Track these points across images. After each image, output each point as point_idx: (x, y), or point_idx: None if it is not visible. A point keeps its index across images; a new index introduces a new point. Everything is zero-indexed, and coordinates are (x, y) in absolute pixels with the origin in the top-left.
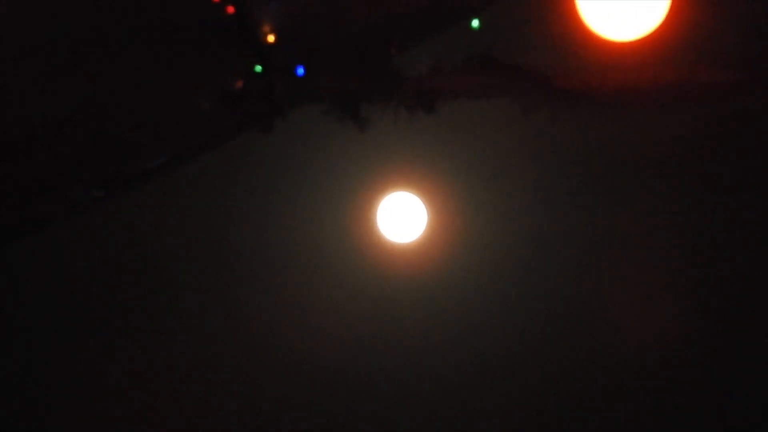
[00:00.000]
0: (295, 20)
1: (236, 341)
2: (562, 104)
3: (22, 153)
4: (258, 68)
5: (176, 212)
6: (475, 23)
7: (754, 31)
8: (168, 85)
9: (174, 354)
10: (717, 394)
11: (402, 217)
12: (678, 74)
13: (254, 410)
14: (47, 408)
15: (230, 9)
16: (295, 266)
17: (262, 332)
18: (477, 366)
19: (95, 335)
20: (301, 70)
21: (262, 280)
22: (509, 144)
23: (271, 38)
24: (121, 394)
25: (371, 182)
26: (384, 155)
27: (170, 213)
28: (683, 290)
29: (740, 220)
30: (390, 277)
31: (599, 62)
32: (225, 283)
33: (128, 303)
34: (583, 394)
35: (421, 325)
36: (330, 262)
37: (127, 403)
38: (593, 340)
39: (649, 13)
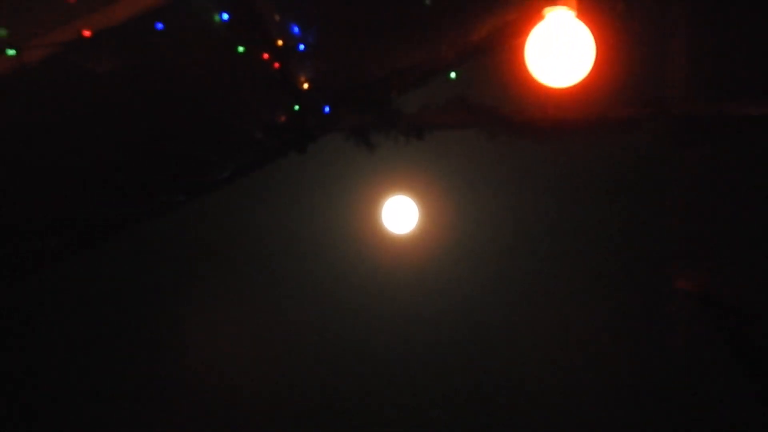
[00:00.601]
0: (322, 73)
1: (277, 312)
2: (516, 133)
3: (125, 167)
4: (296, 107)
5: (237, 212)
6: (453, 75)
7: (654, 79)
8: (231, 118)
9: (229, 322)
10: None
11: (400, 214)
12: (600, 111)
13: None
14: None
15: (276, 65)
16: (320, 250)
17: (295, 301)
18: (457, 329)
19: (174, 311)
20: (327, 109)
21: (294, 263)
22: (478, 161)
23: (305, 86)
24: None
25: (377, 188)
26: (387, 170)
27: (233, 212)
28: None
29: (646, 220)
30: (390, 259)
31: (542, 103)
32: (268, 265)
33: (202, 284)
34: (550, 352)
35: (414, 293)
36: (345, 248)
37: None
38: (554, 306)
39: (579, 67)
